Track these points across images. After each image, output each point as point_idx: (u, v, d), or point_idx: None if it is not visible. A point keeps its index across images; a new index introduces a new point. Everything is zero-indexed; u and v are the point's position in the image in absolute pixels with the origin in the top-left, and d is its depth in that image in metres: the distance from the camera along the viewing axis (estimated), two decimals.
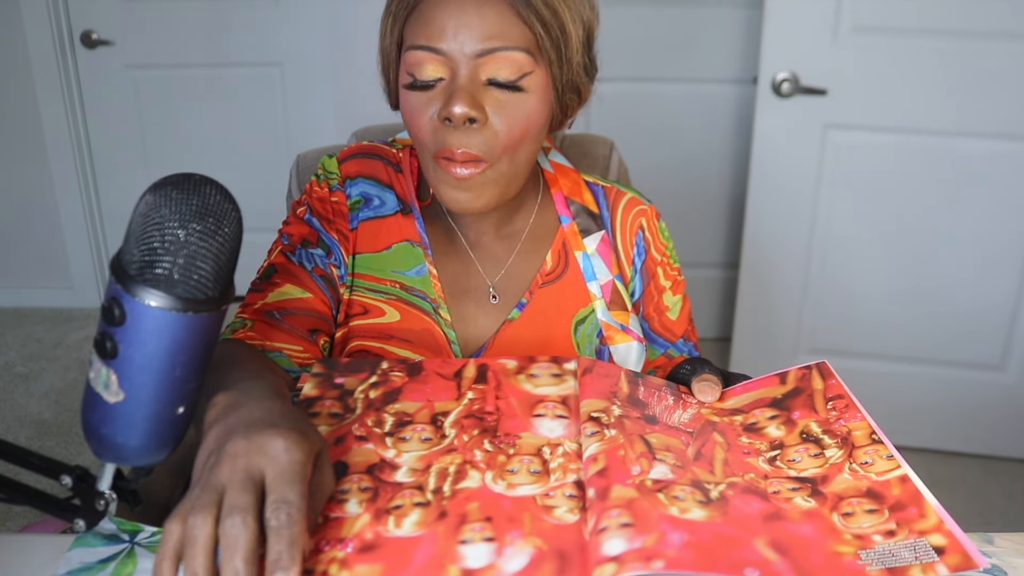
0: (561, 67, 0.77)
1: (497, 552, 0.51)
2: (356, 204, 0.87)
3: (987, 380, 2.03)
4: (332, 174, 0.88)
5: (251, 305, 0.82)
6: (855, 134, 1.90)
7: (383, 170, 0.89)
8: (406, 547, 0.51)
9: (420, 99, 0.76)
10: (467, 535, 0.52)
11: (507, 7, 0.73)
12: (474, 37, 0.72)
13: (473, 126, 0.74)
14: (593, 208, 0.92)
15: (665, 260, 0.93)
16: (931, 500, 0.54)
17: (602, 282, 0.89)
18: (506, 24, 0.73)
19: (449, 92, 0.74)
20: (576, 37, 0.77)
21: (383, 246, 0.87)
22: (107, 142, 2.70)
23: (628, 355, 0.88)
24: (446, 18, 0.73)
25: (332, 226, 0.86)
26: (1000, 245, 1.91)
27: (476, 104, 0.73)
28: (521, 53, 0.74)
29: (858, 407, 0.64)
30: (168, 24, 2.53)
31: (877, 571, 0.50)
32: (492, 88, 0.74)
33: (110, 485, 0.55)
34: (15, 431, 2.15)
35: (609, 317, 0.88)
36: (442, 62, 0.74)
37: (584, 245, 0.90)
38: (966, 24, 1.75)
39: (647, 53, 2.35)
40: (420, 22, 0.74)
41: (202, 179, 0.51)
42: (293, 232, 0.86)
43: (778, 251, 2.05)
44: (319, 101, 2.60)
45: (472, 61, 0.73)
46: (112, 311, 0.49)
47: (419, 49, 0.74)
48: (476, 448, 0.61)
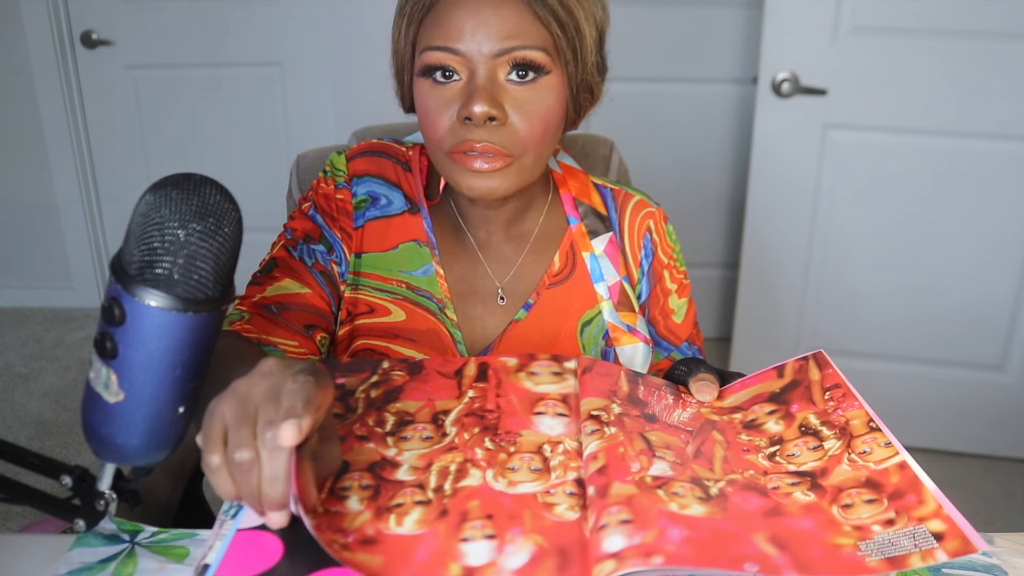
0: (576, 66, 0.78)
1: (498, 549, 0.51)
2: (362, 203, 0.87)
3: (987, 380, 2.03)
4: (339, 171, 0.88)
5: (249, 298, 0.83)
6: (855, 134, 1.90)
7: (392, 169, 0.89)
8: (407, 545, 0.51)
9: (437, 98, 0.76)
10: (468, 533, 0.52)
11: (524, 7, 0.74)
12: (492, 37, 0.73)
13: (493, 124, 0.74)
14: (601, 210, 0.92)
15: (672, 263, 0.93)
16: (930, 486, 0.54)
17: (610, 283, 0.89)
18: (523, 23, 0.74)
19: (468, 92, 0.74)
20: (590, 36, 0.78)
21: (390, 245, 0.87)
22: (107, 142, 2.70)
23: (634, 357, 0.88)
24: (463, 18, 0.73)
25: (335, 223, 0.86)
26: (1000, 245, 1.91)
27: (496, 103, 0.74)
28: (538, 52, 0.75)
29: (855, 395, 0.64)
30: (168, 24, 2.53)
31: (877, 561, 0.50)
32: (510, 86, 0.75)
33: (110, 485, 0.55)
34: (15, 431, 2.15)
35: (616, 318, 0.88)
36: (460, 62, 0.74)
37: (592, 246, 0.90)
38: (966, 24, 1.75)
39: (647, 53, 2.35)
40: (436, 23, 0.75)
41: (202, 179, 0.51)
42: (296, 227, 0.86)
43: (778, 251, 2.05)
44: (319, 101, 2.60)
45: (491, 61, 0.74)
46: (112, 311, 0.49)
47: (436, 50, 0.74)
48: (477, 446, 0.61)
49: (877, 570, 0.49)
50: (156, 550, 0.56)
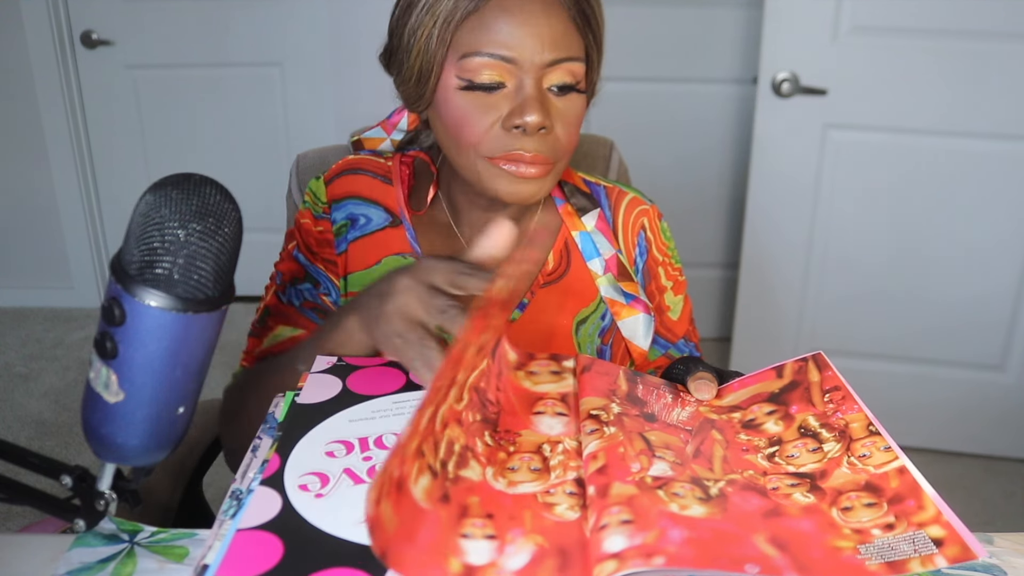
0: (596, 71, 0.80)
1: (499, 550, 0.51)
2: (342, 228, 0.87)
3: (987, 380, 2.03)
4: (319, 201, 0.88)
5: (251, 352, 0.86)
6: (855, 134, 1.90)
7: (367, 185, 0.89)
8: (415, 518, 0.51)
9: (478, 103, 0.75)
10: (468, 530, 0.52)
11: (568, 18, 0.75)
12: (545, 47, 0.73)
13: (541, 133, 0.75)
14: (583, 188, 0.93)
15: (667, 260, 0.93)
16: (929, 491, 0.54)
17: (606, 256, 0.89)
18: (569, 34, 0.75)
19: (517, 100, 0.74)
20: (604, 42, 0.80)
21: (373, 261, 0.87)
22: (107, 142, 2.70)
23: (636, 328, 0.88)
24: (514, 27, 0.73)
25: (317, 257, 0.87)
26: (1000, 244, 1.91)
27: (547, 113, 0.74)
28: (580, 63, 0.76)
29: (855, 398, 0.64)
30: (168, 24, 2.54)
31: (876, 565, 0.50)
32: (552, 95, 0.76)
33: (110, 485, 0.55)
34: (15, 431, 2.15)
35: (616, 291, 0.88)
36: (508, 70, 0.74)
37: (583, 224, 0.90)
38: (966, 24, 1.76)
39: (647, 53, 2.35)
40: (483, 28, 0.74)
41: (202, 179, 0.51)
42: (284, 269, 0.88)
43: (778, 251, 2.05)
44: (319, 101, 2.60)
45: (540, 70, 0.74)
46: (112, 311, 0.49)
47: (486, 56, 0.73)
48: (478, 436, 0.61)
49: (877, 574, 0.49)
50: (155, 550, 0.56)
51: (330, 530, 0.52)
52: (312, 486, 0.56)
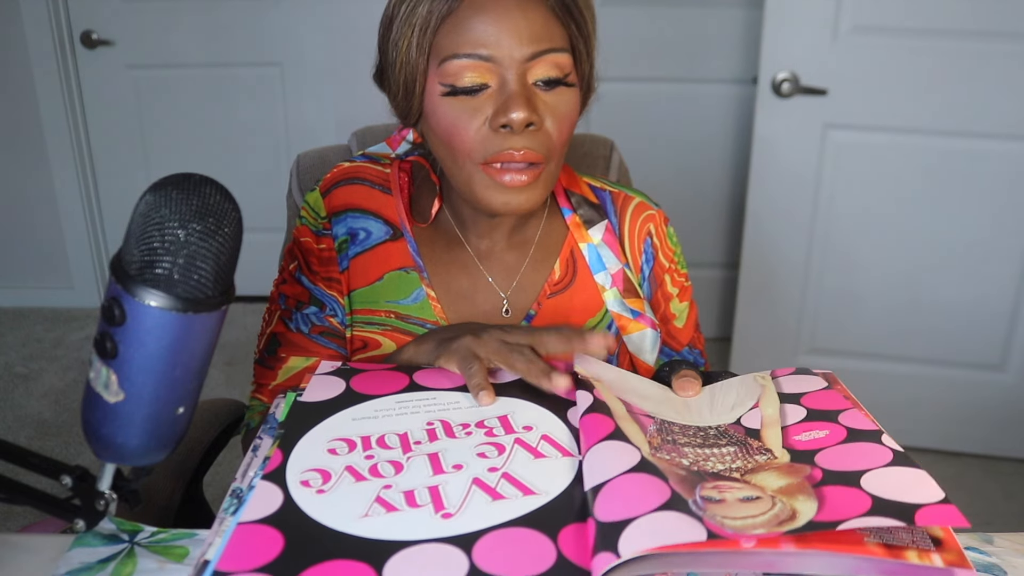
0: (587, 64, 0.78)
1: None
2: (343, 244, 0.86)
3: (987, 380, 2.03)
4: (318, 216, 0.86)
5: (265, 386, 0.84)
6: (855, 134, 1.90)
7: (366, 196, 0.87)
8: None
9: (463, 108, 0.74)
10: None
11: (547, 9, 0.74)
12: (523, 41, 0.72)
13: (530, 129, 0.73)
14: (592, 199, 0.91)
15: (673, 267, 0.92)
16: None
17: (612, 271, 0.88)
18: (549, 25, 0.73)
19: (502, 98, 0.73)
20: (594, 34, 0.78)
21: (375, 277, 0.85)
22: (107, 142, 2.70)
23: (643, 343, 0.87)
24: (489, 23, 0.72)
25: (319, 277, 0.85)
26: (1000, 245, 1.91)
27: (533, 108, 0.73)
28: (564, 54, 0.75)
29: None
30: (168, 24, 2.54)
31: (875, 544, 0.50)
32: (539, 90, 0.74)
33: (110, 485, 0.55)
34: (15, 431, 2.15)
35: (622, 306, 0.87)
36: (488, 69, 0.73)
37: (590, 236, 0.88)
38: (966, 24, 1.75)
39: (647, 53, 2.35)
40: (459, 30, 0.73)
41: (202, 179, 0.51)
42: (288, 292, 0.86)
43: (778, 251, 2.05)
44: (319, 101, 2.60)
45: (521, 65, 0.73)
46: (112, 311, 0.49)
47: (463, 58, 0.72)
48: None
49: (874, 553, 0.49)
50: (155, 550, 0.56)
51: (331, 524, 0.53)
52: (314, 482, 0.57)
